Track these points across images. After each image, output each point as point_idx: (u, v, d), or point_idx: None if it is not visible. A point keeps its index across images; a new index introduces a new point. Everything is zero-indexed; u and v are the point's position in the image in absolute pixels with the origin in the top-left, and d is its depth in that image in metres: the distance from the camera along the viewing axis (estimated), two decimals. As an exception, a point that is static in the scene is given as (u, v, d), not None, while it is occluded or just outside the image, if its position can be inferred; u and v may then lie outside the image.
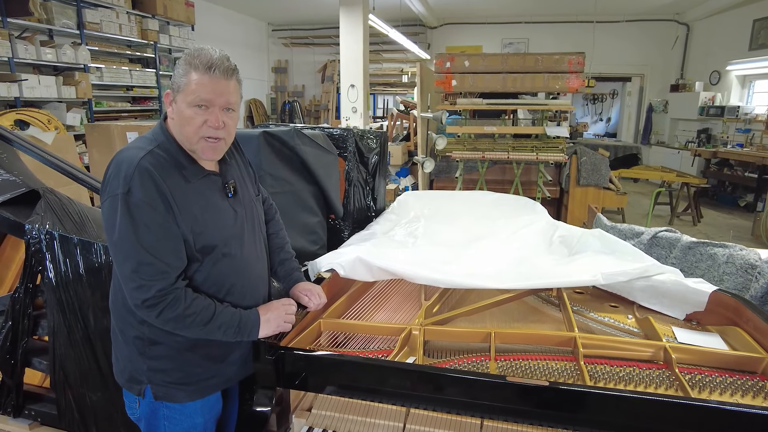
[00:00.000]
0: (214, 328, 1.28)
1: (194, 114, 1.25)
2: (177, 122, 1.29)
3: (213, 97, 1.25)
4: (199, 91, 1.24)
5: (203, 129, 1.27)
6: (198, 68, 1.24)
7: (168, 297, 1.22)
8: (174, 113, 1.29)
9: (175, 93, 1.28)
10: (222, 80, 1.26)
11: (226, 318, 1.30)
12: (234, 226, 1.37)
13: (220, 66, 1.25)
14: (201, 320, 1.26)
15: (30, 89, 5.61)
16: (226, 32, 10.53)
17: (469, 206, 2.79)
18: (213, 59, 1.25)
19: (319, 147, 2.35)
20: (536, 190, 5.02)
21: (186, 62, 1.25)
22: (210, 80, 1.24)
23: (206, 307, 1.27)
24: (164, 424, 1.40)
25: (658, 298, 1.78)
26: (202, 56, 1.25)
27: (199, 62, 1.24)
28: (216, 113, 1.27)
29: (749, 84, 8.89)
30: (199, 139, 1.28)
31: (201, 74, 1.24)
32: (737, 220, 7.41)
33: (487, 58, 4.74)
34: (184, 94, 1.25)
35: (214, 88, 1.25)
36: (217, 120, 1.27)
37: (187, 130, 1.27)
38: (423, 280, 1.74)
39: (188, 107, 1.25)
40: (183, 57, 1.28)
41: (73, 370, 2.02)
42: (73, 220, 2.03)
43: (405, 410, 1.41)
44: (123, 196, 1.19)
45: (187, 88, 1.24)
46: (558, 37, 10.69)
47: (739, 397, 1.31)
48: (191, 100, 1.25)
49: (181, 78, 1.26)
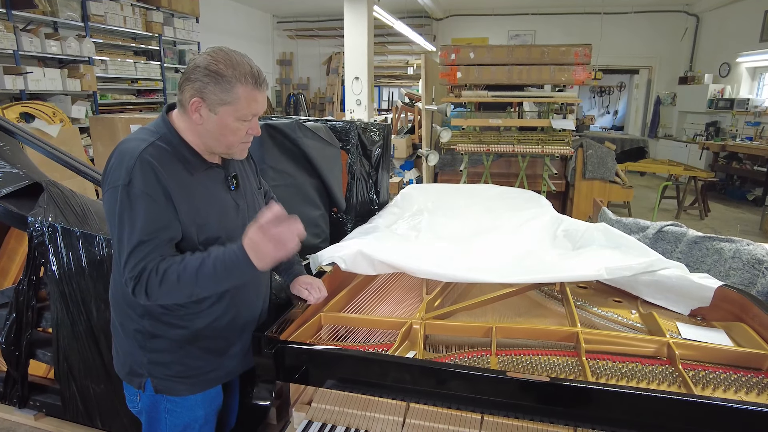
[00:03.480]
0: (205, 277, 1.18)
1: (240, 126, 1.26)
2: (212, 131, 1.25)
3: (259, 110, 1.28)
4: (251, 107, 1.24)
5: (245, 137, 1.30)
6: (247, 83, 1.22)
7: (146, 268, 1.17)
8: (207, 121, 1.24)
9: (215, 105, 1.21)
10: (264, 91, 1.28)
11: (207, 268, 1.18)
12: (236, 218, 1.37)
13: (260, 78, 1.26)
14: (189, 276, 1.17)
15: (35, 82, 5.62)
16: (231, 24, 10.49)
17: (474, 199, 2.77)
18: (254, 72, 1.24)
19: (322, 140, 2.34)
20: (542, 184, 4.99)
21: (231, 76, 1.20)
22: (259, 94, 1.26)
23: (188, 261, 1.19)
24: (165, 417, 1.40)
25: (662, 293, 1.76)
26: (241, 68, 1.21)
27: (242, 74, 1.21)
28: (256, 121, 1.31)
29: (760, 76, 8.76)
30: (238, 145, 1.31)
31: (251, 89, 1.23)
32: (746, 215, 7.33)
33: (493, 50, 4.70)
34: (233, 109, 1.22)
35: (260, 100, 1.27)
36: (257, 127, 1.31)
37: (230, 139, 1.27)
38: (425, 274, 1.73)
39: (236, 120, 1.25)
40: (217, 66, 1.19)
41: (77, 362, 2.03)
42: (75, 212, 2.04)
43: (405, 404, 1.41)
44: (124, 187, 1.18)
45: (236, 103, 1.22)
46: (565, 28, 10.57)
47: (743, 394, 1.29)
48: (241, 115, 1.24)
49: (226, 92, 1.20)
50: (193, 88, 1.21)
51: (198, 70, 1.20)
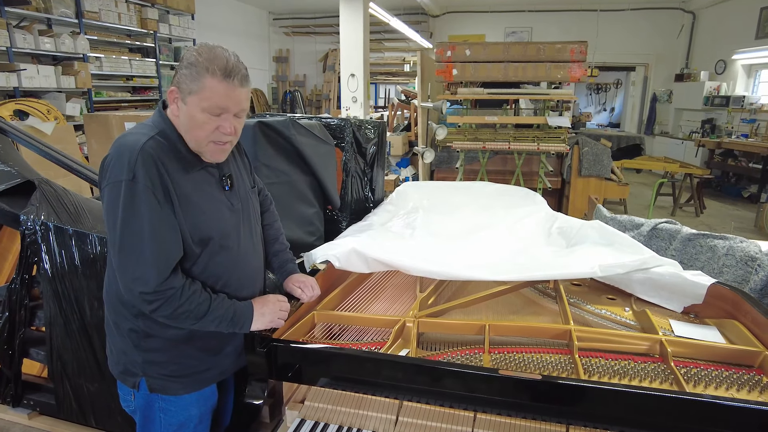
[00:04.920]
0: (208, 321, 1.28)
1: (207, 120, 1.22)
2: (185, 123, 1.25)
3: (229, 105, 1.22)
4: (215, 99, 1.20)
5: (215, 134, 1.24)
6: (215, 74, 1.18)
7: (166, 294, 1.20)
8: (180, 112, 1.24)
9: (184, 94, 1.21)
10: (239, 88, 1.22)
11: (220, 312, 1.29)
12: (230, 218, 1.36)
13: (237, 73, 1.21)
14: (195, 315, 1.26)
15: (29, 79, 5.59)
16: (227, 21, 10.46)
17: (469, 197, 2.77)
18: (230, 65, 1.20)
19: (316, 137, 2.33)
20: (538, 181, 4.99)
21: (201, 65, 1.19)
22: (227, 88, 1.20)
23: (201, 302, 1.26)
24: (160, 416, 1.40)
25: (656, 290, 1.77)
26: (218, 60, 1.19)
27: (216, 67, 1.18)
28: (229, 120, 1.24)
29: (755, 73, 8.78)
30: (208, 143, 1.26)
31: (218, 81, 1.19)
32: (741, 212, 7.36)
33: (489, 47, 4.69)
34: (198, 99, 1.20)
35: (231, 96, 1.21)
36: (231, 127, 1.25)
37: (198, 134, 1.24)
38: (419, 272, 1.73)
39: (201, 112, 1.21)
40: (196, 57, 1.20)
41: (71, 361, 2.03)
42: (68, 211, 2.03)
43: (398, 402, 1.41)
44: (127, 183, 1.16)
45: (202, 92, 1.19)
46: (562, 25, 10.57)
47: (735, 391, 1.30)
48: (206, 107, 1.20)
49: (194, 81, 1.19)
50: (174, 79, 1.23)
51: (181, 62, 1.22)
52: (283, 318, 1.43)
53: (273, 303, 1.42)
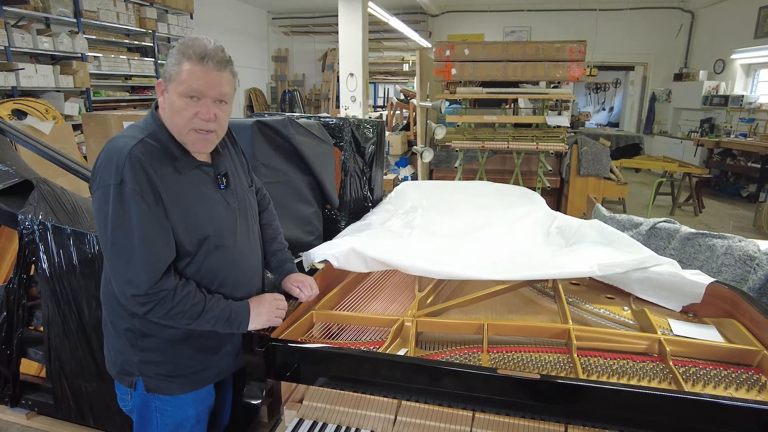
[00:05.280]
0: (204, 321, 1.28)
1: (185, 105, 1.23)
2: (168, 112, 1.26)
3: (205, 89, 1.23)
4: (190, 82, 1.21)
5: (194, 121, 1.24)
6: (191, 58, 1.21)
7: (158, 296, 1.20)
8: (165, 103, 1.27)
9: (166, 82, 1.25)
10: (215, 71, 1.23)
11: (216, 312, 1.29)
12: (226, 217, 1.36)
13: (213, 57, 1.22)
14: (190, 316, 1.25)
15: (27, 78, 5.58)
16: (226, 20, 10.43)
17: (468, 196, 2.77)
18: (207, 49, 1.22)
19: (314, 136, 2.33)
20: (537, 180, 4.99)
21: (179, 51, 1.22)
22: (203, 71, 1.21)
23: (196, 303, 1.26)
24: (156, 416, 1.39)
25: (654, 289, 1.77)
26: (196, 46, 1.22)
27: (192, 52, 1.21)
28: (208, 105, 1.24)
29: (754, 73, 8.79)
30: (189, 131, 1.25)
31: (194, 64, 1.21)
32: (739, 211, 7.37)
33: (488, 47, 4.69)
34: (176, 84, 1.22)
35: (206, 79, 1.22)
36: (209, 112, 1.24)
37: (177, 121, 1.24)
38: (417, 271, 1.73)
39: (179, 98, 1.22)
40: (176, 46, 1.24)
41: (69, 361, 2.02)
42: (66, 210, 2.02)
43: (396, 402, 1.40)
44: (116, 187, 1.16)
45: (178, 77, 1.21)
46: (561, 25, 10.57)
47: (733, 390, 1.30)
48: (182, 91, 1.22)
49: (173, 67, 1.23)
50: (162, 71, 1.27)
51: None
52: (280, 316, 1.43)
53: (269, 302, 1.42)
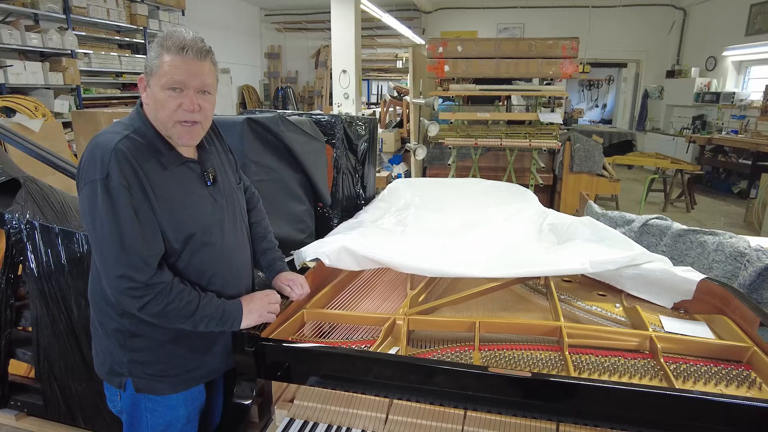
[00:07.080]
0: (198, 320, 1.27)
1: (168, 97, 1.22)
2: (152, 107, 1.25)
3: (187, 79, 1.22)
4: (172, 73, 1.20)
5: (178, 113, 1.23)
6: (170, 50, 1.20)
7: (156, 288, 1.19)
8: (148, 98, 1.26)
9: (148, 77, 1.24)
10: (195, 61, 1.22)
11: (210, 310, 1.28)
12: (213, 214, 1.34)
13: (193, 47, 1.21)
14: (185, 314, 1.24)
15: (16, 75, 5.51)
16: (218, 17, 10.34)
17: (461, 194, 2.76)
18: (186, 40, 1.21)
19: (305, 134, 2.31)
20: (530, 177, 5.00)
21: (158, 44, 1.22)
22: (183, 61, 1.21)
23: (190, 300, 1.25)
24: (146, 416, 1.38)
25: (646, 286, 1.77)
26: (175, 37, 1.21)
27: (171, 43, 1.20)
28: (191, 96, 1.23)
29: (745, 70, 8.85)
30: (174, 124, 1.24)
31: (174, 56, 1.20)
32: (731, 207, 7.42)
33: (481, 43, 4.68)
34: (157, 77, 1.21)
35: (187, 69, 1.21)
36: (192, 103, 1.23)
37: (162, 114, 1.23)
38: (409, 269, 1.72)
39: (162, 90, 1.21)
40: (155, 40, 1.24)
41: (58, 361, 2.00)
42: (54, 209, 2.00)
43: (388, 401, 1.40)
44: (102, 182, 1.15)
45: (159, 70, 1.21)
46: (554, 22, 10.58)
47: (723, 386, 1.30)
48: (164, 83, 1.21)
49: (153, 61, 1.22)
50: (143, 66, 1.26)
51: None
52: (273, 312, 1.42)
53: (260, 299, 1.41)
